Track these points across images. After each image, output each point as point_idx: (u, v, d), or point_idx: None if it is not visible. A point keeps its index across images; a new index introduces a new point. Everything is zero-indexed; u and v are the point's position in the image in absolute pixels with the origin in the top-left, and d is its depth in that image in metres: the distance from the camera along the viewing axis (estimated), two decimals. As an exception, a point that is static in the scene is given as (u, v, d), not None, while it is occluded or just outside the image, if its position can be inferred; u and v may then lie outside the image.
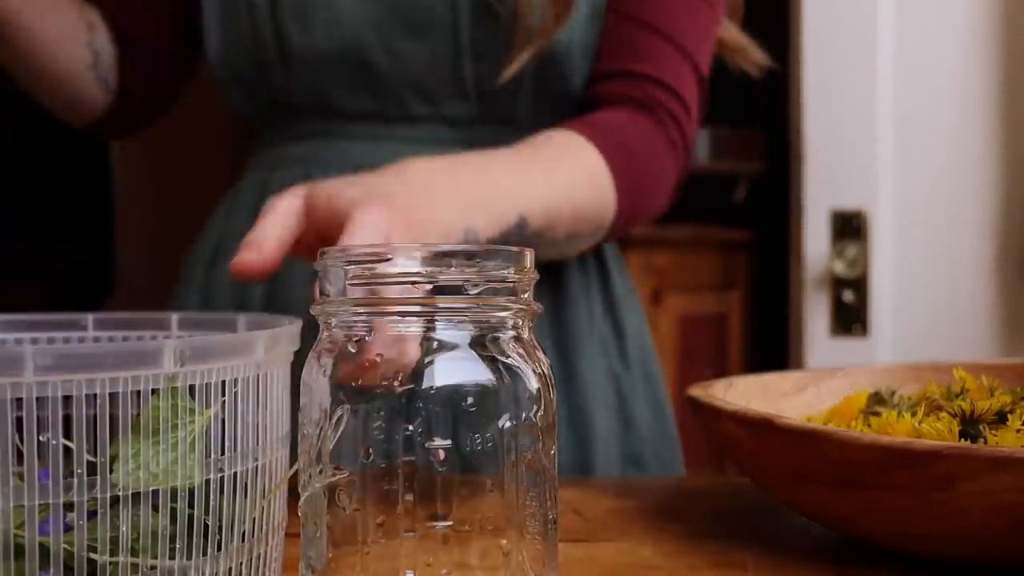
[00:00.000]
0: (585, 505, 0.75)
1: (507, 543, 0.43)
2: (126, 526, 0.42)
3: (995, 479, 0.52)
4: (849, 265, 1.71)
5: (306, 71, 0.90)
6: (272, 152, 0.95)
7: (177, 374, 0.43)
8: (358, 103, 0.90)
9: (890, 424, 0.64)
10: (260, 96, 0.94)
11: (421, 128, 0.90)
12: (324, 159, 0.91)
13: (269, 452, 0.49)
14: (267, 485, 0.48)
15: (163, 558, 0.43)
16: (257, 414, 0.48)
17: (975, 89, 1.70)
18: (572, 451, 0.92)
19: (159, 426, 0.43)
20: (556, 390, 0.48)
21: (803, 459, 0.59)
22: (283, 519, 0.51)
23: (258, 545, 0.48)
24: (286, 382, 0.51)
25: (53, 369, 0.41)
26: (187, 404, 0.44)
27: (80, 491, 0.41)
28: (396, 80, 0.89)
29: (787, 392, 0.76)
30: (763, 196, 2.24)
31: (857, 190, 1.72)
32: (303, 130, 0.93)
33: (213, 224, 0.98)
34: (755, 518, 0.72)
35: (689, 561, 0.62)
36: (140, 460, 0.42)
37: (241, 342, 0.46)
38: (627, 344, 0.95)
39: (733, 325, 2.33)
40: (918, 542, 0.58)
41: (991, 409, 0.65)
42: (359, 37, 0.87)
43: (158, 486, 0.43)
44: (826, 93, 1.73)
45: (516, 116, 0.90)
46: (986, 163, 1.70)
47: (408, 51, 0.88)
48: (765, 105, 2.08)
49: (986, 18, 1.69)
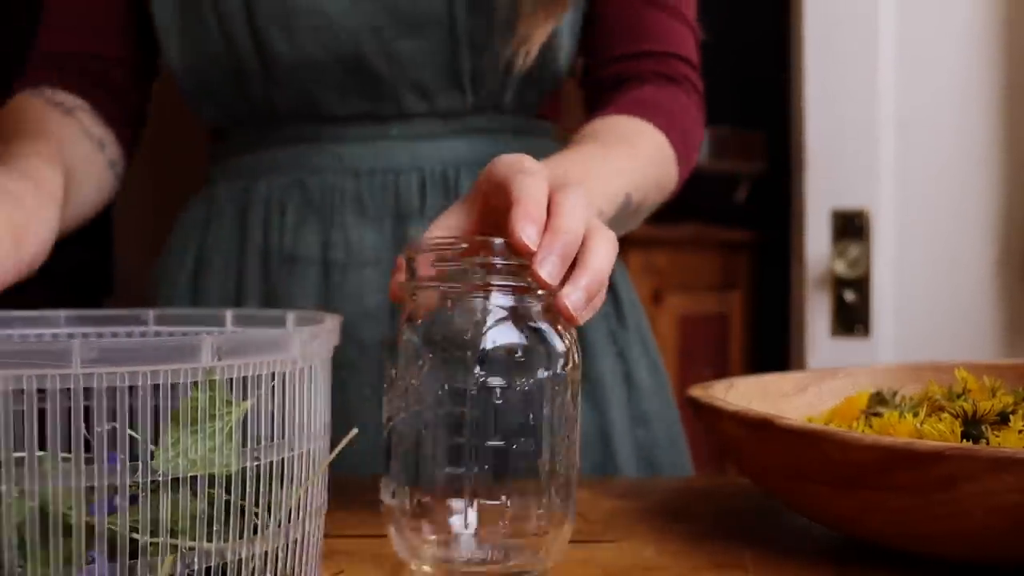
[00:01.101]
0: (586, 506, 0.74)
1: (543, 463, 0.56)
2: (166, 509, 0.45)
3: (997, 480, 0.52)
4: (850, 265, 1.71)
5: (292, 78, 0.88)
6: (251, 158, 0.93)
7: (215, 368, 0.47)
8: (349, 106, 0.90)
9: (892, 425, 0.64)
10: (235, 104, 0.92)
11: (415, 124, 0.90)
12: (317, 164, 0.90)
13: (307, 442, 0.52)
14: (305, 473, 0.52)
15: (200, 540, 0.47)
16: (295, 406, 0.51)
17: (976, 89, 1.70)
18: (590, 419, 0.92)
19: (197, 416, 0.46)
20: None
21: (804, 460, 0.58)
22: (323, 504, 0.55)
23: (295, 529, 0.51)
24: (326, 376, 0.55)
25: (98, 362, 0.44)
26: (224, 396, 0.47)
27: (123, 476, 0.45)
28: (393, 80, 0.88)
29: (788, 393, 0.76)
30: (764, 196, 2.24)
31: (858, 190, 1.71)
32: (287, 135, 0.92)
33: (186, 237, 0.96)
34: (756, 519, 0.71)
35: (690, 562, 0.62)
36: (179, 448, 0.46)
37: (278, 338, 0.50)
38: (623, 307, 0.98)
39: (734, 325, 2.33)
40: (920, 543, 0.58)
41: (993, 410, 0.64)
42: (355, 42, 0.87)
43: (196, 472, 0.46)
44: (827, 93, 1.72)
45: (502, 102, 0.92)
46: (987, 163, 1.70)
47: (406, 51, 0.87)
48: (766, 105, 2.08)
49: (988, 19, 1.69)
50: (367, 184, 0.90)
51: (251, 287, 0.91)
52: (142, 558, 0.45)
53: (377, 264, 0.89)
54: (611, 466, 0.93)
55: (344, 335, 0.86)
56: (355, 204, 0.90)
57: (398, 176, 0.90)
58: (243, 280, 0.92)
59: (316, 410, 0.53)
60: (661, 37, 0.93)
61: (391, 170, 0.90)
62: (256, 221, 0.92)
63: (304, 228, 0.90)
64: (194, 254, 0.95)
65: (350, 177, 0.90)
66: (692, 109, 0.93)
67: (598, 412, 0.93)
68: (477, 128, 0.91)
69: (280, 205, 0.91)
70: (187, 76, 0.91)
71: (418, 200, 0.90)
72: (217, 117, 0.95)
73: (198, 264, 0.95)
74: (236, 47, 0.88)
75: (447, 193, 0.90)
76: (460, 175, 0.91)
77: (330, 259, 0.90)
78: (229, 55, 0.88)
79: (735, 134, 2.13)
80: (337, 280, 0.89)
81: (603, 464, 0.93)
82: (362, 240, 0.89)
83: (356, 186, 0.90)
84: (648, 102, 0.89)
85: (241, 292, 0.92)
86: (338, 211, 0.90)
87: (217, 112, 0.94)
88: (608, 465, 0.93)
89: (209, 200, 0.96)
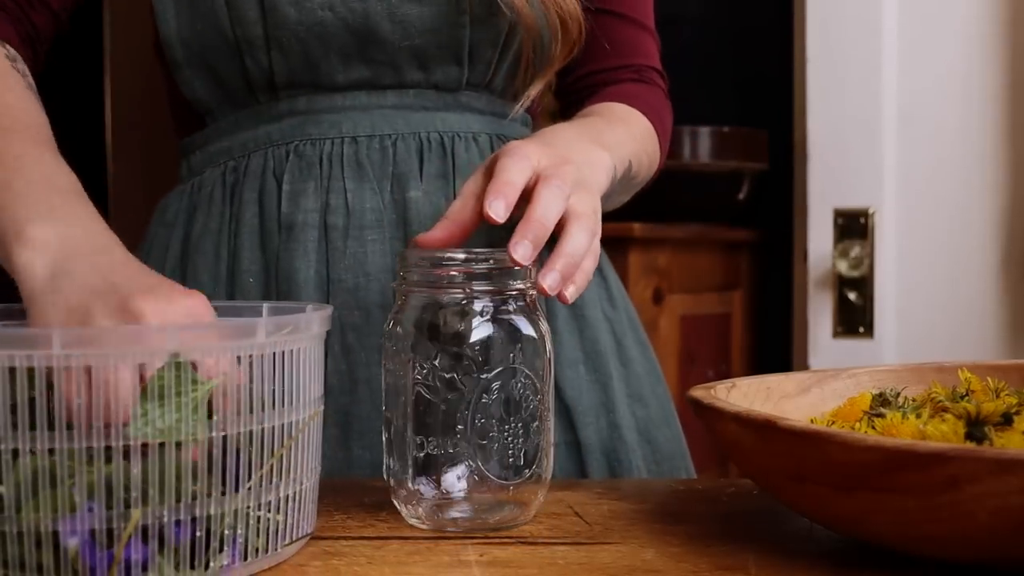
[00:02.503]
0: (586, 507, 0.74)
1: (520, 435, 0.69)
2: (138, 469, 0.54)
3: (1001, 481, 0.52)
4: (853, 265, 1.70)
5: (297, 45, 0.89)
6: (242, 136, 0.93)
7: (179, 351, 0.55)
8: (351, 73, 0.91)
9: (894, 426, 0.63)
10: (231, 77, 0.91)
11: (411, 94, 0.92)
12: (313, 132, 0.91)
13: (279, 417, 0.60)
14: (279, 443, 0.61)
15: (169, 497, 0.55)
16: (263, 385, 0.59)
17: (980, 88, 1.70)
18: (594, 391, 0.95)
19: (163, 392, 0.55)
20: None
21: (807, 461, 0.58)
22: (316, 467, 0.65)
23: (287, 487, 0.61)
24: (309, 356, 0.63)
25: (74, 345, 0.54)
26: (190, 375, 0.56)
27: (99, 439, 0.54)
28: (396, 47, 0.90)
29: (790, 393, 0.76)
30: (766, 195, 2.24)
31: (861, 189, 1.71)
32: (281, 110, 0.92)
33: (168, 229, 0.96)
34: (758, 520, 0.71)
35: (691, 563, 0.61)
36: (148, 419, 0.54)
37: (242, 327, 0.58)
38: (612, 292, 1.01)
39: (736, 325, 2.33)
40: (922, 544, 0.57)
41: (996, 411, 0.64)
42: (365, 6, 0.88)
43: (164, 440, 0.54)
44: (830, 92, 1.72)
45: (493, 82, 0.95)
46: (991, 163, 1.70)
47: (412, 16, 0.89)
48: (768, 104, 2.08)
49: (990, 18, 1.69)
50: (365, 147, 0.91)
51: (246, 262, 0.91)
52: (116, 508, 0.53)
53: (377, 227, 0.90)
54: (617, 438, 0.95)
55: (348, 299, 0.87)
56: (353, 168, 0.90)
57: (396, 140, 0.91)
58: (237, 258, 0.91)
59: (294, 387, 0.61)
60: (634, 51, 1.03)
61: (388, 135, 0.91)
62: (250, 196, 0.92)
63: (301, 195, 0.90)
64: (179, 244, 0.95)
65: (348, 142, 0.91)
66: (665, 104, 1.05)
67: (600, 387, 0.95)
68: (469, 106, 0.94)
69: (275, 175, 0.91)
70: (184, 48, 0.91)
71: (417, 163, 0.91)
72: (207, 94, 0.94)
73: (183, 253, 0.94)
74: (241, 14, 0.88)
75: (444, 156, 0.92)
76: (455, 143, 0.93)
77: (329, 223, 0.90)
78: (233, 22, 0.88)
79: (737, 133, 2.13)
80: (337, 245, 0.89)
81: (610, 437, 0.94)
82: (362, 203, 0.90)
83: (354, 150, 0.91)
84: (630, 94, 1.00)
85: (235, 270, 0.91)
86: (336, 176, 0.90)
87: (209, 88, 0.93)
88: (614, 437, 0.95)
89: (192, 189, 0.96)
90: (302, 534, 0.64)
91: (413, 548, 0.65)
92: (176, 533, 0.55)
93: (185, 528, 0.55)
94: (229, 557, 0.57)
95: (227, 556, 0.57)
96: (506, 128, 0.97)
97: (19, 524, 0.53)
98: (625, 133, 0.93)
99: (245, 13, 0.88)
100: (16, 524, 0.53)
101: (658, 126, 1.01)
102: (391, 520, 0.70)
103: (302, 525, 0.63)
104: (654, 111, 1.01)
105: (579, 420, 0.93)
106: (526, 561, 0.62)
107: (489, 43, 0.92)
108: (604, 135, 0.88)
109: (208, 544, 0.56)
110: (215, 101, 0.94)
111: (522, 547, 0.65)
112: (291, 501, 0.62)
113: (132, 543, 0.53)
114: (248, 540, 0.58)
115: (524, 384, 0.69)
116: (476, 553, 0.64)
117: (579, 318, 0.95)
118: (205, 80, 0.93)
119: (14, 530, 0.53)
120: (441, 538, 0.67)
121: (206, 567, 0.56)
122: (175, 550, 0.55)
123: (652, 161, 0.99)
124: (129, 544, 0.53)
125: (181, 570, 0.55)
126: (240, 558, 0.58)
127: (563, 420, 0.92)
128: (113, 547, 0.53)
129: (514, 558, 0.63)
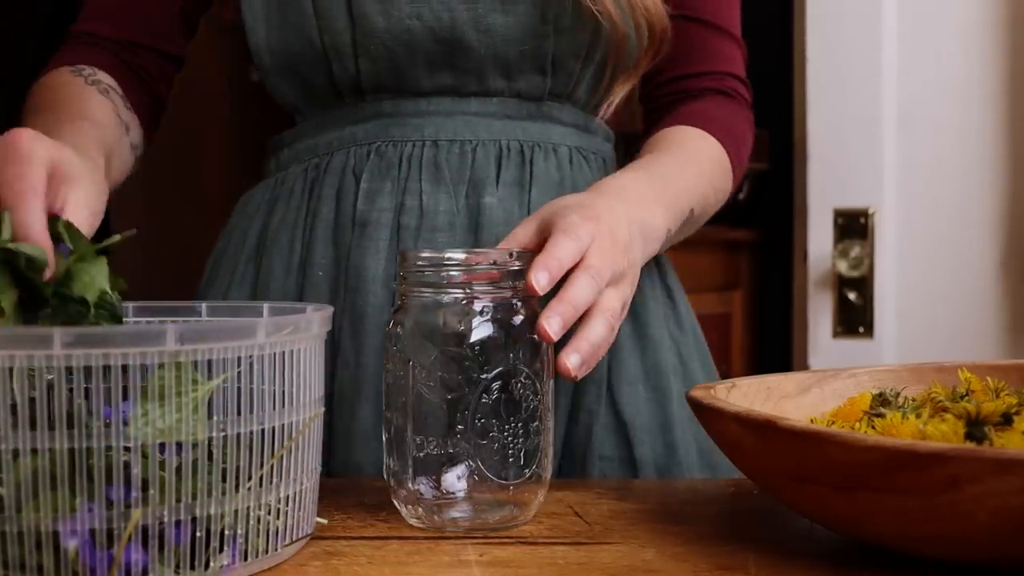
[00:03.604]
0: (586, 507, 0.74)
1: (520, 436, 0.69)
2: (138, 469, 0.54)
3: (1000, 481, 0.52)
4: (853, 265, 1.70)
5: (385, 53, 0.91)
6: (327, 136, 0.96)
7: (180, 351, 0.55)
8: (436, 80, 0.92)
9: (894, 426, 0.63)
10: (319, 83, 0.94)
11: (494, 102, 0.94)
12: (396, 134, 0.93)
13: (282, 416, 0.61)
14: (279, 444, 0.61)
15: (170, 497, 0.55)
16: (265, 386, 0.59)
17: (980, 88, 1.70)
18: (652, 410, 0.94)
19: (164, 392, 0.54)
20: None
21: (806, 461, 0.58)
22: (316, 467, 0.65)
23: (287, 487, 0.61)
24: (310, 357, 0.63)
25: (75, 345, 0.53)
26: (190, 375, 0.55)
27: (99, 440, 0.53)
28: (481, 55, 0.91)
29: (790, 393, 0.76)
30: (766, 195, 2.24)
31: (861, 189, 1.71)
32: (367, 113, 0.94)
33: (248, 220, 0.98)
34: (758, 520, 0.71)
35: (691, 563, 0.61)
36: (149, 419, 0.54)
37: (241, 327, 0.58)
38: (680, 313, 1.01)
39: (736, 325, 2.33)
40: (922, 544, 0.57)
41: (996, 411, 0.64)
42: (451, 14, 0.90)
43: (164, 440, 0.54)
44: (830, 91, 1.72)
45: (576, 94, 0.96)
46: (991, 162, 1.70)
47: (498, 25, 0.90)
48: (768, 103, 2.07)
49: (990, 18, 1.69)
50: (445, 151, 0.92)
51: (318, 256, 0.93)
52: (116, 508, 0.53)
53: (449, 230, 0.91)
54: (672, 458, 0.94)
55: None
56: (431, 171, 0.92)
57: (476, 146, 0.93)
58: (310, 251, 0.93)
59: (294, 388, 0.62)
60: (716, 57, 1.02)
61: (469, 140, 0.93)
62: (329, 192, 0.94)
63: (378, 194, 0.92)
64: (257, 235, 0.97)
65: (428, 145, 0.93)
66: (744, 121, 1.04)
67: (659, 406, 0.95)
68: (551, 116, 0.95)
69: (355, 173, 0.93)
70: (272, 55, 0.94)
71: (494, 170, 0.92)
72: (296, 99, 0.97)
73: (260, 243, 0.96)
74: (330, 23, 0.90)
75: (522, 164, 0.93)
76: (534, 152, 0.94)
77: (402, 223, 0.91)
78: (321, 31, 0.91)
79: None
80: (408, 244, 0.91)
81: (665, 456, 0.94)
82: (436, 206, 0.91)
83: (434, 154, 0.92)
84: (707, 115, 1.00)
85: (306, 263, 0.93)
86: (413, 177, 0.92)
87: (298, 93, 0.96)
88: (669, 457, 0.94)
89: (276, 184, 0.98)
90: (302, 534, 0.64)
91: (413, 548, 0.65)
92: (176, 533, 0.55)
93: (185, 528, 0.55)
94: (229, 557, 0.57)
95: (227, 556, 0.57)
96: (587, 141, 0.98)
97: (19, 524, 0.53)
98: (694, 174, 0.93)
99: (334, 22, 0.90)
100: (16, 524, 0.53)
101: (731, 150, 1.00)
102: (391, 520, 0.70)
103: (302, 525, 0.63)
104: (729, 134, 1.00)
105: (635, 438, 0.92)
106: (526, 561, 0.62)
107: (572, 54, 0.93)
108: (671, 184, 0.89)
109: (208, 544, 0.56)
110: (303, 103, 0.97)
111: (522, 547, 0.65)
112: (291, 501, 0.62)
113: (132, 544, 0.53)
114: (248, 540, 0.59)
115: (524, 384, 0.69)
116: (476, 553, 0.64)
117: (642, 337, 0.96)
118: (293, 85, 0.95)
119: (14, 530, 0.53)
120: (441, 538, 0.67)
121: (206, 567, 0.56)
122: (175, 550, 0.55)
123: (720, 196, 0.99)
124: (129, 545, 0.53)
125: (181, 570, 0.55)
126: (240, 558, 0.58)
127: (619, 437, 0.92)
128: (113, 547, 0.53)
129: (514, 558, 0.63)
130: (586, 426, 0.92)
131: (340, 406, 0.90)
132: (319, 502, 0.67)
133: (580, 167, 0.96)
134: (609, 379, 0.93)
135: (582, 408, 0.92)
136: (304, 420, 0.62)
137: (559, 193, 0.92)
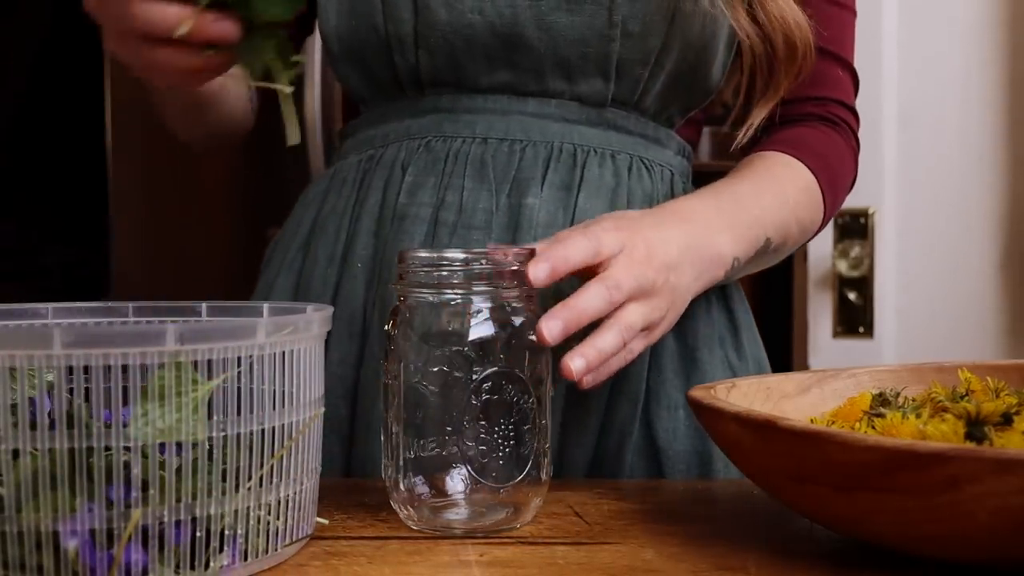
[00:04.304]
0: (586, 507, 0.74)
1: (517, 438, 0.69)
2: (138, 469, 0.54)
3: (1000, 481, 0.52)
4: (853, 265, 1.70)
5: (444, 46, 0.90)
6: (384, 127, 0.95)
7: (180, 351, 0.55)
8: (494, 77, 0.91)
9: (894, 426, 0.63)
10: (382, 72, 0.93)
11: (552, 104, 0.91)
12: (448, 130, 0.92)
13: (281, 416, 0.61)
14: (279, 444, 0.61)
15: (170, 497, 0.55)
16: (265, 386, 0.59)
17: (980, 88, 1.70)
18: (693, 437, 0.90)
19: (164, 392, 0.54)
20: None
21: (806, 461, 0.58)
22: (316, 467, 0.65)
23: (287, 487, 0.61)
24: (310, 357, 0.63)
25: (75, 345, 0.53)
26: (190, 375, 0.55)
27: (99, 439, 0.53)
28: (542, 55, 0.89)
29: (790, 393, 0.76)
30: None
31: (861, 189, 1.70)
32: (424, 106, 0.93)
33: (305, 209, 0.99)
34: (758, 520, 0.71)
35: (691, 564, 0.61)
36: (148, 419, 0.54)
37: (241, 327, 0.58)
38: (741, 337, 0.97)
39: (736, 325, 2.33)
40: (922, 544, 0.57)
41: (996, 411, 0.64)
42: (513, 11, 0.88)
43: (164, 440, 0.54)
44: (829, 92, 1.71)
45: (644, 102, 0.92)
46: (991, 162, 1.70)
47: (561, 25, 0.88)
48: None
49: (990, 18, 1.69)
50: (493, 149, 0.91)
51: (360, 246, 0.92)
52: (116, 508, 0.53)
53: (485, 228, 0.89)
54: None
55: None
56: (476, 168, 0.90)
57: (525, 146, 0.91)
58: (353, 241, 0.93)
59: (294, 388, 0.62)
60: (823, 83, 0.97)
61: (519, 140, 0.91)
62: (378, 184, 0.93)
63: (421, 188, 0.91)
64: (310, 223, 0.97)
65: (477, 142, 0.91)
66: (845, 152, 0.98)
67: (700, 435, 0.90)
68: (613, 124, 0.92)
69: (403, 166, 0.92)
70: (340, 42, 0.93)
71: (541, 171, 0.90)
72: (360, 86, 0.96)
73: (312, 231, 0.96)
74: (395, 12, 0.90)
75: (572, 168, 0.90)
76: (588, 156, 0.91)
77: (440, 219, 0.90)
78: (387, 19, 0.90)
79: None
80: (443, 240, 0.89)
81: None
82: (475, 203, 0.90)
83: (481, 150, 0.91)
84: (801, 141, 0.95)
85: (348, 253, 0.93)
86: (457, 173, 0.91)
87: (363, 82, 0.96)
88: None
89: (334, 173, 0.99)
90: (302, 534, 0.64)
91: (413, 548, 0.65)
92: (176, 533, 0.55)
93: (185, 528, 0.55)
94: (229, 557, 0.57)
95: (227, 556, 0.57)
96: (654, 152, 0.94)
97: (19, 524, 0.53)
98: (774, 202, 0.89)
99: (399, 11, 0.89)
100: (16, 524, 0.53)
101: (824, 179, 0.94)
102: (391, 520, 0.70)
103: (302, 525, 0.64)
104: (824, 162, 0.95)
105: (667, 464, 0.89)
106: (526, 561, 0.62)
107: (640, 60, 0.89)
108: (744, 211, 0.86)
109: (208, 544, 0.56)
110: (368, 93, 0.97)
111: (522, 547, 0.65)
112: (291, 501, 0.62)
113: (132, 543, 0.54)
114: (248, 540, 0.59)
115: (516, 387, 0.68)
116: (476, 553, 0.64)
117: (689, 360, 0.92)
118: (358, 74, 0.95)
119: (14, 530, 0.53)
120: (441, 538, 0.67)
121: (206, 567, 0.56)
122: (175, 550, 0.55)
123: (808, 226, 0.94)
124: (129, 545, 0.53)
125: (181, 570, 0.55)
126: (240, 558, 0.58)
127: (651, 462, 0.89)
128: (113, 547, 0.53)
129: (514, 558, 0.63)
130: (617, 445, 0.88)
131: (364, 396, 0.89)
132: (319, 502, 0.67)
133: (640, 176, 0.92)
134: (647, 400, 0.89)
135: (614, 425, 0.89)
136: (304, 420, 0.62)
137: (611, 200, 0.90)
